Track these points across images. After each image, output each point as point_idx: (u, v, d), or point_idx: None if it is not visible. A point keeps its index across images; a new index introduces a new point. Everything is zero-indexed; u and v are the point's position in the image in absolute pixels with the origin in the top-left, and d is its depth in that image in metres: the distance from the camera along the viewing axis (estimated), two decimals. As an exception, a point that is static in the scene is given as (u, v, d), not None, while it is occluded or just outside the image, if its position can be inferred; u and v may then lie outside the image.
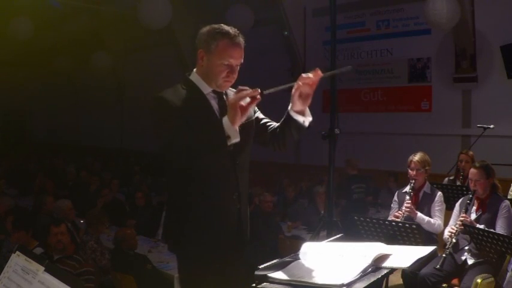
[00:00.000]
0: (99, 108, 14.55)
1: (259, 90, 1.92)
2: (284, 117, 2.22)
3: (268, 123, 2.34)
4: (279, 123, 2.29)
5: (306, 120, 2.19)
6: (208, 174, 2.12)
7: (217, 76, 2.14)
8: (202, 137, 2.00)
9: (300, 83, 2.08)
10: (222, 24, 2.17)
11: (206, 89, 2.20)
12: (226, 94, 2.25)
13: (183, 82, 2.22)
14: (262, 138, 2.33)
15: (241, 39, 2.15)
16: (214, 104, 2.20)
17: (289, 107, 2.19)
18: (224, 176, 2.16)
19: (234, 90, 2.13)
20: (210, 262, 2.17)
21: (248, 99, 1.93)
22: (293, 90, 2.11)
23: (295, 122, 2.17)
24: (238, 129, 1.95)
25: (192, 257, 2.20)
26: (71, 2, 9.99)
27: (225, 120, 1.94)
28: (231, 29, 2.14)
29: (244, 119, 1.95)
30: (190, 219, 2.17)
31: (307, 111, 2.20)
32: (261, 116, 2.37)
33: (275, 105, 2.29)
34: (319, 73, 2.06)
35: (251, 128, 2.24)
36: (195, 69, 2.24)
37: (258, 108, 2.36)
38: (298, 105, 2.14)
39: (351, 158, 7.33)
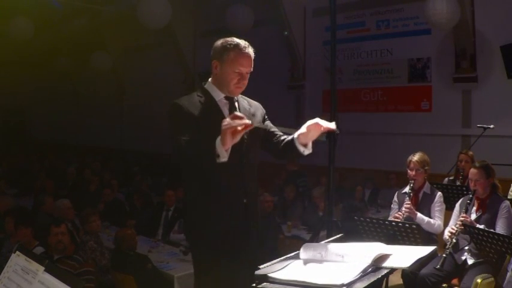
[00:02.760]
0: (99, 108, 14.55)
1: (250, 122, 2.07)
2: (289, 139, 2.45)
3: (275, 133, 2.56)
4: (283, 138, 2.51)
5: (306, 151, 2.40)
6: (216, 171, 2.28)
7: (229, 83, 2.38)
8: (197, 150, 2.20)
9: (309, 127, 2.29)
10: (234, 38, 2.41)
11: (219, 96, 2.44)
12: (237, 100, 2.49)
13: (199, 90, 2.47)
14: (267, 145, 2.57)
15: (250, 50, 2.39)
16: (225, 109, 2.44)
17: (295, 135, 2.40)
18: (231, 173, 2.34)
19: (245, 97, 2.53)
20: (219, 255, 2.36)
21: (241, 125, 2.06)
22: (305, 127, 2.31)
23: (296, 149, 2.40)
24: (229, 150, 2.10)
25: (203, 247, 2.41)
26: (71, 2, 9.98)
27: (218, 141, 2.09)
28: (241, 42, 2.39)
29: (235, 141, 2.08)
30: (201, 212, 2.40)
31: (310, 144, 2.40)
32: (270, 124, 2.61)
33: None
34: (334, 128, 2.30)
35: (259, 133, 2.48)
36: (209, 79, 2.48)
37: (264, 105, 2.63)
38: (303, 140, 2.36)
39: None
